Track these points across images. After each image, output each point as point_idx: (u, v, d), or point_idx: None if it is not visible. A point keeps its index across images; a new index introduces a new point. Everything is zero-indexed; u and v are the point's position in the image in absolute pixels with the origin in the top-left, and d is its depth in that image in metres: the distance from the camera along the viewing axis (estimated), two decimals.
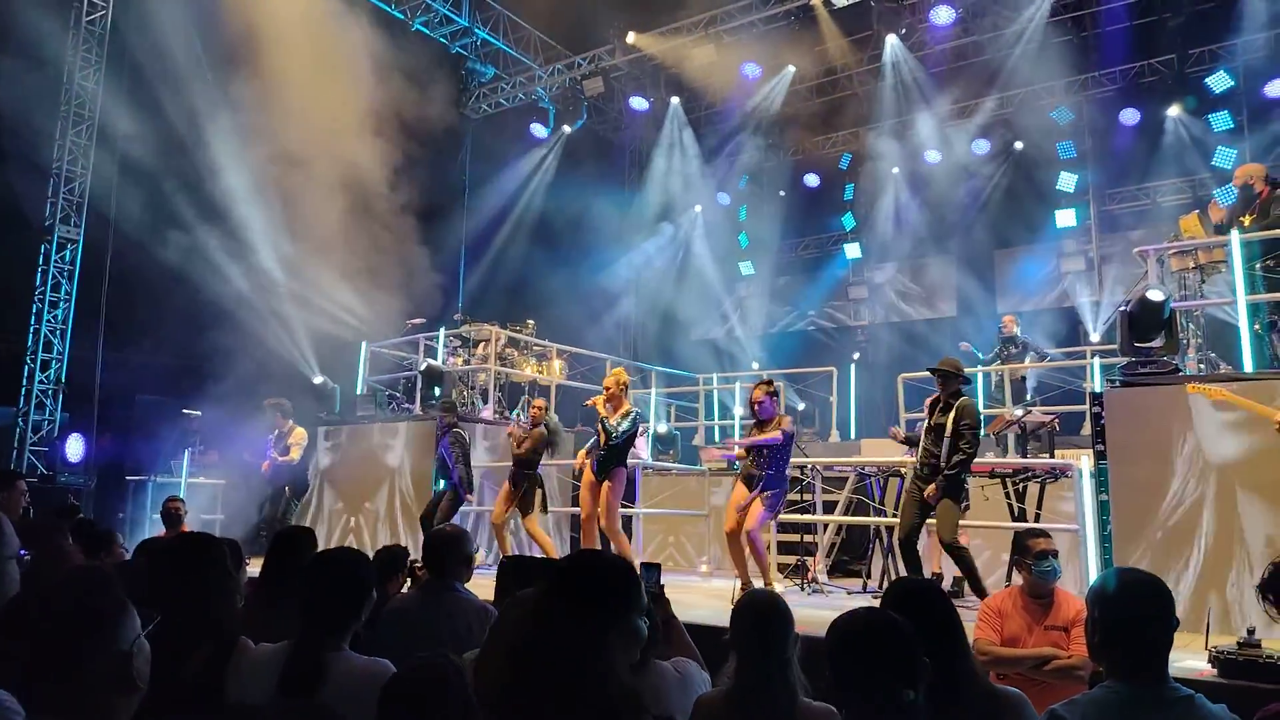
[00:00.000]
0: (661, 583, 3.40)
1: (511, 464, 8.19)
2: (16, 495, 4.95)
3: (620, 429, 6.93)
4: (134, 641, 1.53)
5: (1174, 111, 13.76)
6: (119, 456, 11.57)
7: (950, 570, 7.10)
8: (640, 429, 7.54)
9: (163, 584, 2.62)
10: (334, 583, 2.52)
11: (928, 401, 6.29)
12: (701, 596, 6.81)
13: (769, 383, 6.99)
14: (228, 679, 2.46)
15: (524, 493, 8.05)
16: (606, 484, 6.97)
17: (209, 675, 2.43)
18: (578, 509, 7.55)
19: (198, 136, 11.81)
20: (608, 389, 7.12)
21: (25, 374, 11.95)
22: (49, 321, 12.07)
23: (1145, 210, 14.51)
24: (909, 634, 1.96)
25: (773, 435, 6.61)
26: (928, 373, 6.42)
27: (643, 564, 3.54)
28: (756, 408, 6.75)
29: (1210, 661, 3.97)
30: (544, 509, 8.17)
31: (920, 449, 6.12)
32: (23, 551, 3.01)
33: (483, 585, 3.76)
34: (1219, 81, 13.12)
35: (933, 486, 5.89)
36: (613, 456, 7.02)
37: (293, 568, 3.09)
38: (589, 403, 7.37)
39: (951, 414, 5.94)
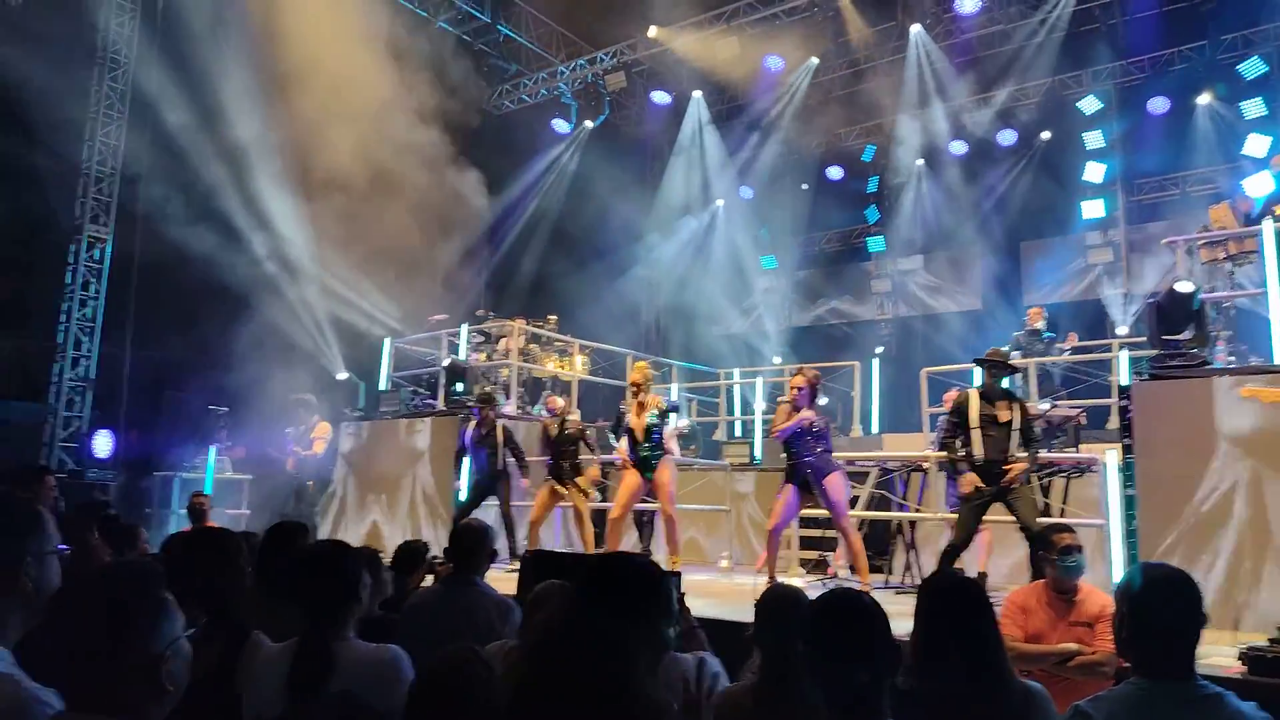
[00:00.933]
0: (682, 591, 3.39)
1: (549, 457, 8.18)
2: (45, 490, 5.04)
3: (661, 422, 7.03)
4: (171, 644, 1.50)
5: (1205, 99, 13.52)
6: (147, 452, 11.72)
7: (973, 568, 7.04)
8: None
9: (178, 579, 2.64)
10: (326, 575, 2.55)
11: (971, 396, 5.93)
12: (723, 592, 6.79)
13: (800, 371, 6.87)
14: (240, 676, 2.47)
15: (569, 478, 8.03)
16: (665, 477, 6.99)
17: (222, 670, 2.44)
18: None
19: (226, 137, 11.93)
20: (641, 385, 7.08)
21: (55, 371, 12.13)
22: (78, 320, 12.23)
23: (1174, 200, 14.28)
24: (870, 615, 1.94)
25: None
26: (975, 364, 6.23)
27: (666, 573, 3.53)
28: (796, 393, 6.61)
29: (1240, 658, 3.91)
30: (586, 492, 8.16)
31: (980, 448, 5.72)
32: (62, 546, 3.03)
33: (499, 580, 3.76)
34: (1252, 68, 12.86)
35: (1020, 464, 5.63)
36: (661, 448, 7.04)
37: (287, 561, 3.11)
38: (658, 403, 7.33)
39: (1018, 411, 5.78)
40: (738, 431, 12.71)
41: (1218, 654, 4.06)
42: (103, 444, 11.67)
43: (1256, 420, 5.44)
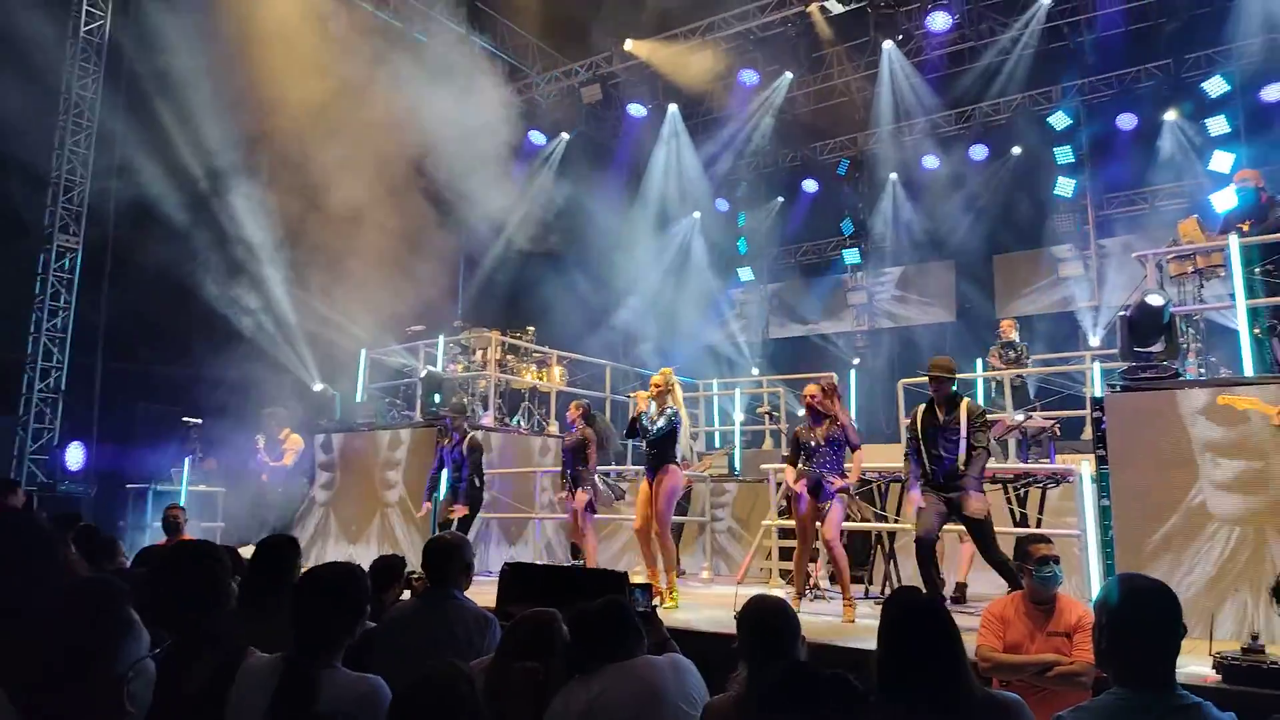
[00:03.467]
0: (654, 604, 3.38)
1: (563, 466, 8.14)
2: (14, 503, 4.95)
3: (656, 426, 6.76)
4: (134, 664, 1.47)
5: (1171, 116, 13.80)
6: (119, 465, 11.55)
7: (953, 578, 7.10)
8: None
9: (160, 596, 2.59)
10: (327, 600, 2.48)
11: (918, 411, 6.03)
12: (703, 603, 6.79)
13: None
14: (230, 694, 2.44)
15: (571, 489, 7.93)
16: (661, 487, 6.70)
17: (213, 690, 2.41)
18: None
19: (197, 145, 11.82)
20: (656, 385, 6.89)
21: (25, 383, 11.93)
22: (48, 330, 12.04)
23: (1143, 215, 14.54)
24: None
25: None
26: (924, 376, 6.28)
27: (635, 585, 3.52)
28: (810, 400, 6.50)
29: (1214, 667, 3.96)
30: (590, 509, 8.02)
31: (925, 455, 5.82)
32: None
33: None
34: (1215, 86, 13.15)
35: (977, 504, 5.52)
36: (659, 456, 6.78)
37: (276, 577, 3.07)
38: (636, 398, 7.21)
39: (961, 413, 5.73)
40: (717, 442, 12.73)
41: (1193, 663, 4.12)
42: (74, 456, 11.48)
43: (1226, 430, 5.55)
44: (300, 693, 2.33)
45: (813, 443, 6.45)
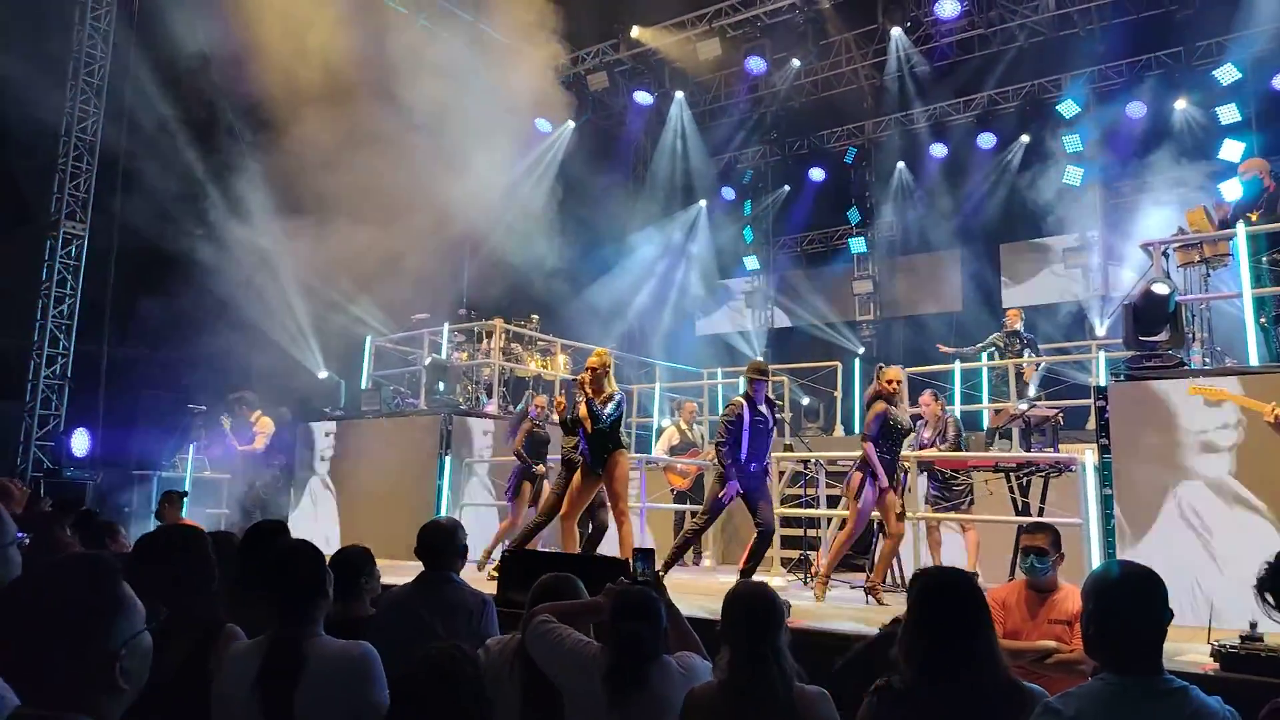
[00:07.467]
0: (657, 570, 3.38)
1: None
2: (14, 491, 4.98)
3: (606, 413, 6.62)
4: (128, 640, 1.45)
5: (1181, 105, 13.67)
6: (124, 451, 11.60)
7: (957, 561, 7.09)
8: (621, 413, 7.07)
9: (142, 577, 2.62)
10: (299, 574, 2.56)
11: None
12: (707, 590, 6.79)
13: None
14: (213, 673, 2.47)
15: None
16: (614, 472, 6.64)
17: (192, 666, 2.45)
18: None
19: (204, 132, 11.83)
20: (592, 369, 6.72)
21: (31, 369, 11.99)
22: (55, 317, 12.08)
23: (1151, 203, 14.42)
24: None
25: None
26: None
27: (636, 549, 3.53)
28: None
29: (1212, 655, 3.95)
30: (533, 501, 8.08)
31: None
32: (20, 535, 3.02)
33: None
34: (1226, 74, 13.02)
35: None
36: (606, 443, 6.70)
37: (260, 560, 3.10)
38: (577, 384, 7.13)
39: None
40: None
41: (1192, 651, 4.11)
42: (80, 442, 11.54)
43: (1229, 420, 5.52)
44: (287, 662, 2.37)
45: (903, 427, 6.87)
